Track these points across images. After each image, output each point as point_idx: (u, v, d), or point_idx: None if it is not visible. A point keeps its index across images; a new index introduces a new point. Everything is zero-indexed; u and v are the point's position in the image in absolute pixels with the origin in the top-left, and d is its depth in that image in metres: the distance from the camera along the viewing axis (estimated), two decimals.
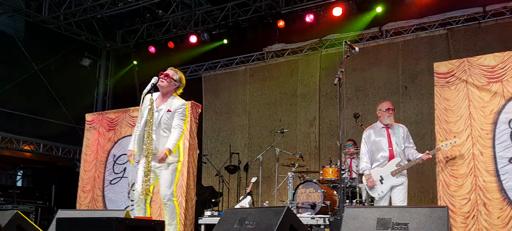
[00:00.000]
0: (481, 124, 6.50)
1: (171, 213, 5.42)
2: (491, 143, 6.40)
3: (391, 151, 6.33)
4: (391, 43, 10.73)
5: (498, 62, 6.56)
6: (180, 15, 12.07)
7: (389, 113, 6.50)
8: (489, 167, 6.32)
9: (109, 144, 9.56)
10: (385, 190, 6.21)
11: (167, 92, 5.56)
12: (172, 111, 5.47)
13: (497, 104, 6.46)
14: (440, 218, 3.67)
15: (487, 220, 6.18)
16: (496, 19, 9.66)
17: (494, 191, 6.24)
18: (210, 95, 12.93)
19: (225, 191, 10.73)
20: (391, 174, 6.21)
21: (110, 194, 9.26)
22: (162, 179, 5.44)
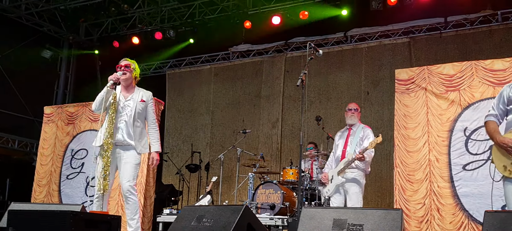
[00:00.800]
0: (438, 131, 6.68)
1: (134, 208, 5.33)
2: (446, 150, 6.59)
3: (344, 151, 6.41)
4: (355, 49, 10.88)
5: (457, 71, 6.76)
6: (146, 10, 11.93)
7: (351, 113, 6.57)
8: (444, 173, 6.51)
9: (67, 138, 9.38)
10: (331, 189, 6.29)
11: (130, 84, 5.53)
12: (145, 101, 5.48)
13: (454, 112, 6.66)
14: (394, 220, 3.73)
15: (440, 224, 6.35)
16: (456, 30, 9.94)
17: (448, 196, 6.42)
18: (173, 93, 12.83)
19: (185, 189, 10.66)
20: (337, 173, 6.27)
21: (66, 189, 9.09)
22: (124, 172, 5.35)
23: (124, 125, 5.36)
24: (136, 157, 5.40)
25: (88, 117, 9.18)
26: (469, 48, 9.67)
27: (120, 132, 5.35)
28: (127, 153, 5.37)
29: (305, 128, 10.49)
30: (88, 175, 8.92)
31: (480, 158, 6.38)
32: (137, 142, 5.38)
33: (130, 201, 5.32)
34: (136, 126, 5.41)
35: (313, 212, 4.11)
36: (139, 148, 5.40)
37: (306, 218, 4.08)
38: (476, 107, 6.54)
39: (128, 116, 5.37)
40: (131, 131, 5.35)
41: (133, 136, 5.36)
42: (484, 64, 6.63)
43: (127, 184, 5.30)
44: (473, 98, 6.58)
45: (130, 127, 5.35)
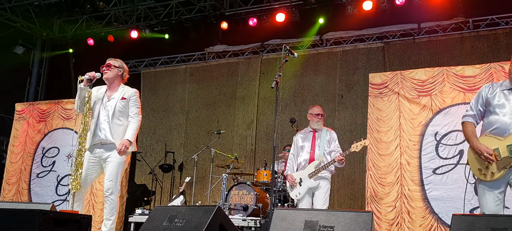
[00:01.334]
0: (410, 135, 6.79)
1: (112, 208, 5.29)
2: (418, 153, 6.71)
3: (312, 154, 6.40)
4: (330, 52, 10.97)
5: (429, 77, 6.88)
6: (122, 8, 11.81)
7: (318, 118, 6.56)
8: (415, 177, 6.61)
9: (38, 136, 9.24)
10: (302, 192, 6.27)
11: (114, 81, 5.49)
12: (126, 98, 5.42)
13: (425, 117, 6.78)
14: (365, 222, 3.77)
15: (410, 227, 6.45)
16: (429, 36, 10.12)
17: (418, 199, 6.53)
18: (148, 92, 12.73)
19: (158, 190, 10.58)
20: (309, 176, 6.26)
21: (36, 188, 8.95)
22: (108, 170, 5.31)
23: (106, 124, 5.33)
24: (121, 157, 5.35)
25: (61, 115, 9.05)
26: (441, 54, 9.85)
27: (103, 131, 5.33)
28: (110, 152, 5.34)
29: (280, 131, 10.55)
30: (59, 174, 8.80)
31: (450, 162, 6.51)
32: (119, 141, 5.33)
33: (109, 200, 5.28)
34: (118, 124, 5.37)
35: (285, 214, 4.13)
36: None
37: (278, 220, 4.09)
38: (447, 112, 6.67)
39: (110, 114, 5.34)
40: (113, 129, 5.32)
41: (115, 135, 5.31)
42: (455, 70, 6.77)
43: (108, 182, 5.26)
44: (444, 104, 6.71)
45: (112, 126, 5.32)
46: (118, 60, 5.58)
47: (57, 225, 4.15)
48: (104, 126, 5.33)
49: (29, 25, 12.74)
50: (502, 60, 7.22)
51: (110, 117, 5.34)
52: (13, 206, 5.65)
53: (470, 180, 4.35)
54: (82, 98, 5.29)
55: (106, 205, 5.30)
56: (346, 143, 9.72)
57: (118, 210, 5.44)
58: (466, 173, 4.35)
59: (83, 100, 5.30)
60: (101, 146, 5.35)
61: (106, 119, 5.35)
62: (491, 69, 6.50)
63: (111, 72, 5.44)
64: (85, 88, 5.26)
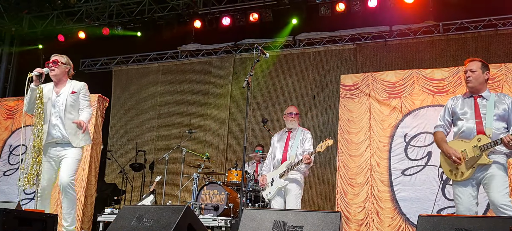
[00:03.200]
0: (380, 136, 6.88)
1: (71, 202, 5.21)
2: (387, 155, 6.80)
3: (285, 154, 6.35)
4: (303, 53, 11.02)
5: (399, 79, 6.98)
6: (94, 5, 11.63)
7: (291, 117, 6.50)
8: (384, 178, 6.70)
9: (5, 133, 9.05)
10: (272, 192, 6.23)
11: (61, 78, 5.40)
12: (76, 92, 5.35)
13: (395, 118, 6.87)
14: (333, 223, 3.80)
15: (379, 227, 6.53)
16: (400, 39, 10.25)
17: (387, 200, 6.62)
18: (119, 90, 12.57)
19: (128, 189, 10.47)
20: (279, 176, 6.23)
21: (3, 186, 8.77)
22: (64, 166, 5.21)
23: (59, 121, 5.24)
24: (77, 152, 5.28)
25: None
26: (412, 57, 10.00)
27: (56, 128, 5.24)
28: (66, 150, 5.26)
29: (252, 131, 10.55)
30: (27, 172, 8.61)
31: (418, 164, 6.62)
32: (73, 136, 5.25)
33: (68, 195, 5.18)
34: (70, 118, 5.28)
35: (254, 214, 4.13)
36: (76, 142, 5.26)
37: (247, 220, 4.09)
38: (416, 114, 6.78)
39: (61, 110, 5.25)
40: (66, 125, 5.23)
41: (69, 130, 5.23)
42: (425, 73, 6.88)
43: (67, 178, 5.15)
44: (414, 106, 6.81)
45: (65, 122, 5.24)
46: (64, 56, 5.48)
47: (21, 224, 4.07)
48: (56, 123, 5.24)
49: None
50: None
51: (62, 112, 5.26)
52: None
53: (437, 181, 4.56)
54: (33, 99, 5.18)
55: (65, 200, 5.19)
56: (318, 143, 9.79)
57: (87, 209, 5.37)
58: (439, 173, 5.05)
59: (34, 100, 5.18)
60: (56, 145, 5.26)
61: (58, 115, 5.26)
62: (460, 73, 6.63)
63: (58, 69, 5.34)
64: (34, 89, 5.16)
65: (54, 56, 5.42)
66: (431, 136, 6.58)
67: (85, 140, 5.39)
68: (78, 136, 5.29)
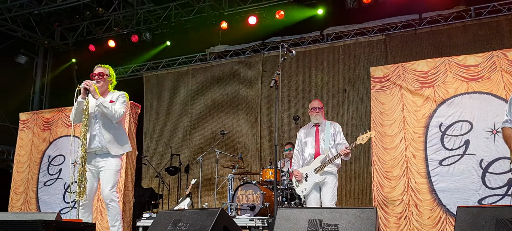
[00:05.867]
0: (414, 127, 6.74)
1: (114, 215, 5.31)
2: (423, 146, 6.66)
3: (317, 148, 6.30)
4: (332, 47, 10.91)
5: (431, 68, 6.82)
6: (121, 13, 11.81)
7: (316, 112, 6.45)
8: (421, 169, 6.57)
9: (43, 145, 9.27)
10: (308, 188, 6.18)
11: (105, 90, 5.48)
12: (114, 101, 5.40)
13: (429, 108, 6.72)
14: (369, 219, 3.75)
15: (418, 220, 6.41)
16: (431, 26, 10.02)
17: (425, 192, 6.48)
18: (151, 95, 12.72)
19: (165, 192, 10.58)
20: (314, 171, 6.17)
21: (44, 196, 8.99)
22: (104, 179, 5.33)
23: (98, 131, 5.33)
24: (115, 163, 5.36)
25: (64, 123, 9.08)
26: (443, 44, 9.77)
27: (96, 139, 5.33)
28: (105, 160, 5.35)
29: (284, 129, 10.52)
30: (66, 181, 8.82)
31: (455, 153, 6.46)
32: (112, 145, 5.33)
33: (110, 208, 5.31)
34: (111, 128, 5.37)
35: (289, 213, 4.11)
36: (114, 150, 5.34)
37: (282, 220, 4.07)
38: (451, 103, 6.62)
39: (101, 121, 5.34)
40: (106, 135, 5.32)
41: (108, 140, 5.31)
42: (457, 60, 6.71)
43: (107, 191, 5.28)
44: (448, 94, 6.65)
45: (104, 132, 5.32)
46: (108, 67, 5.56)
47: None
48: (96, 133, 5.33)
49: (31, 34, 12.77)
50: (505, 48, 7.17)
51: (102, 123, 5.35)
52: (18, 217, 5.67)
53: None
54: (79, 110, 5.29)
55: (108, 213, 5.33)
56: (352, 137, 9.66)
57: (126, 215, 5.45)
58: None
59: (80, 111, 5.29)
60: (96, 155, 5.36)
61: (98, 128, 5.35)
62: (494, 58, 6.44)
63: (104, 82, 5.43)
64: (82, 102, 5.26)
65: (99, 68, 5.49)
66: (467, 124, 6.44)
67: (124, 148, 5.45)
68: (118, 142, 5.37)
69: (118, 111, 5.32)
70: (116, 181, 5.36)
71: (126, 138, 5.55)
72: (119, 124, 5.50)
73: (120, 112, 5.36)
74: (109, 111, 5.27)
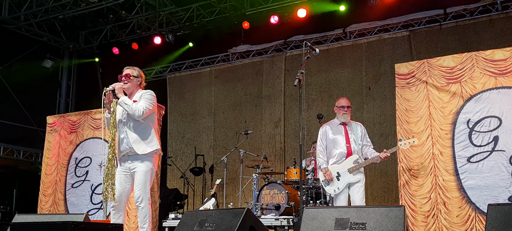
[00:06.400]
0: (441, 124, 6.63)
1: (144, 216, 5.32)
2: (450, 142, 6.54)
3: (349, 148, 6.24)
4: (355, 45, 10.82)
5: (457, 63, 6.70)
6: (144, 16, 11.92)
7: (344, 111, 6.40)
8: (449, 166, 6.46)
9: (71, 147, 9.40)
10: (341, 187, 6.13)
11: (132, 91, 5.50)
12: (138, 100, 5.39)
13: (456, 104, 6.60)
14: (397, 217, 3.70)
15: (447, 218, 6.31)
16: (456, 21, 9.85)
17: (454, 189, 6.37)
18: (174, 97, 12.81)
19: (190, 193, 10.65)
20: (348, 171, 6.11)
21: (72, 198, 9.11)
22: (135, 181, 5.36)
23: (126, 133, 5.36)
24: (145, 164, 5.37)
25: (91, 125, 9.19)
26: (469, 39, 9.58)
27: (124, 141, 5.36)
28: (135, 162, 5.38)
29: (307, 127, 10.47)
30: (93, 183, 8.94)
31: (484, 150, 6.34)
32: (138, 144, 5.34)
33: (139, 209, 5.34)
34: (137, 128, 5.39)
35: (315, 212, 4.08)
36: (140, 149, 5.32)
37: (308, 219, 4.05)
38: (478, 98, 6.49)
39: (128, 123, 5.37)
40: (131, 136, 5.34)
41: (134, 140, 5.33)
42: (484, 55, 6.58)
43: (137, 191, 5.32)
44: (475, 90, 6.53)
45: (130, 133, 5.35)
46: (135, 69, 5.55)
47: None
48: (124, 135, 5.36)
49: (56, 38, 12.99)
50: None
51: (129, 124, 5.37)
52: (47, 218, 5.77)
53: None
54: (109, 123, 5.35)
55: (138, 214, 5.35)
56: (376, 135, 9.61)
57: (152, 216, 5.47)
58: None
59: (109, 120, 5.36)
60: (128, 157, 5.39)
61: (125, 129, 5.37)
62: None
63: (130, 83, 5.44)
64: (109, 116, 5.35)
65: (127, 69, 5.52)
66: (496, 119, 6.31)
67: (151, 146, 5.40)
68: (145, 141, 5.36)
69: (138, 108, 5.27)
70: (146, 183, 5.34)
71: (154, 137, 5.47)
72: (146, 124, 5.45)
73: (141, 110, 5.28)
74: (130, 108, 5.25)
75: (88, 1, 11.11)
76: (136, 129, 5.38)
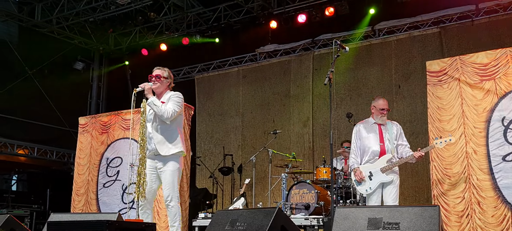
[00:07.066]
0: (474, 122, 6.50)
1: (173, 215, 5.38)
2: (484, 141, 6.40)
3: (382, 147, 6.06)
4: (384, 43, 10.69)
5: (491, 60, 6.56)
6: (172, 17, 12.02)
7: (382, 114, 6.19)
8: (483, 165, 6.32)
9: (102, 147, 9.54)
10: (373, 187, 5.95)
11: (162, 92, 5.55)
12: (165, 101, 5.44)
13: (490, 102, 6.46)
14: (431, 217, 3.64)
15: (482, 218, 6.17)
16: (489, 17, 9.63)
17: (488, 189, 6.23)
18: (203, 97, 12.88)
19: (219, 192, 10.69)
20: (381, 170, 5.94)
21: (104, 197, 9.24)
22: (163, 181, 5.42)
23: (153, 133, 5.41)
24: (172, 164, 5.42)
25: (121, 126, 9.31)
26: (503, 34, 9.35)
27: (152, 141, 5.41)
28: (162, 162, 5.43)
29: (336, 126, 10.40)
30: (124, 183, 9.05)
31: None
32: (162, 145, 5.38)
33: (169, 208, 5.40)
34: (163, 129, 5.43)
35: (347, 212, 4.04)
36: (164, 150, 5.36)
37: (340, 218, 4.01)
38: None
39: (154, 123, 5.43)
40: (157, 136, 5.39)
41: (158, 141, 5.38)
42: None
43: (166, 191, 5.38)
44: (510, 87, 6.36)
45: (156, 133, 5.40)
46: (165, 70, 5.59)
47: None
48: (152, 135, 5.40)
49: (86, 41, 13.22)
50: None
51: (156, 125, 5.42)
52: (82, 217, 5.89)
53: None
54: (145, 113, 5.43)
55: (168, 213, 5.42)
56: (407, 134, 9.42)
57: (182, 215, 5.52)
58: None
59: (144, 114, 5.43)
60: (155, 157, 5.44)
61: (152, 130, 5.42)
62: None
63: (160, 84, 5.48)
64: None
65: (157, 70, 5.56)
66: None
67: (175, 148, 5.43)
68: (171, 142, 5.40)
69: (167, 110, 5.30)
70: (174, 182, 5.39)
71: (178, 139, 5.49)
72: (172, 126, 5.48)
73: (170, 111, 5.32)
74: (159, 110, 5.29)
75: (117, 4, 11.28)
76: (162, 130, 5.43)
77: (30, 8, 11.80)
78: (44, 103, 12.58)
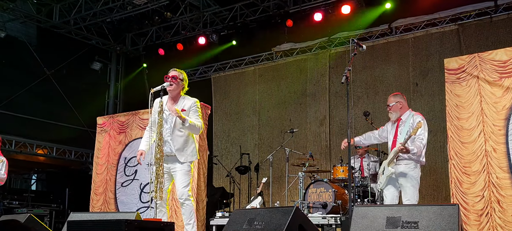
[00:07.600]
0: (494, 119, 6.42)
1: (189, 213, 5.47)
2: (504, 139, 6.31)
3: (394, 141, 6.01)
4: (401, 40, 10.62)
5: (510, 57, 6.48)
6: (188, 17, 12.07)
7: (387, 109, 6.20)
8: (502, 164, 6.24)
9: (120, 147, 9.62)
10: (382, 181, 5.95)
11: (177, 94, 5.61)
12: (186, 110, 5.53)
13: (510, 99, 6.38)
14: (451, 216, 3.61)
15: (501, 217, 6.10)
16: (508, 13, 9.50)
17: (508, 187, 6.15)
18: (219, 96, 12.92)
19: (236, 191, 10.72)
20: (387, 164, 5.91)
21: (122, 197, 9.32)
22: (177, 180, 5.51)
23: (169, 137, 5.48)
24: (185, 166, 5.53)
25: (139, 125, 9.38)
26: None
27: (167, 144, 5.50)
28: (175, 164, 5.54)
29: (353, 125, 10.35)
30: (142, 182, 9.13)
31: None
32: (180, 153, 5.50)
33: (185, 206, 5.49)
34: (178, 135, 5.51)
35: (365, 211, 4.03)
36: (183, 158, 5.51)
37: (358, 217, 4.00)
38: None
39: (171, 127, 5.48)
40: (175, 143, 5.48)
41: (177, 148, 5.48)
42: None
43: (181, 190, 5.46)
44: None
45: (173, 138, 5.49)
46: (182, 72, 5.68)
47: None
48: (166, 139, 5.47)
49: (104, 41, 13.33)
50: None
51: (171, 129, 5.49)
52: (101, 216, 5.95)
53: None
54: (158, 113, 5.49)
55: (183, 211, 5.51)
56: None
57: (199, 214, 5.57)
58: None
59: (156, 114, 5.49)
60: (167, 158, 5.51)
61: (168, 132, 5.49)
62: None
63: (176, 85, 5.55)
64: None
65: (173, 71, 5.63)
66: None
67: (192, 156, 5.60)
68: (186, 151, 5.54)
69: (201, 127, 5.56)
70: (188, 181, 5.52)
71: (195, 148, 5.68)
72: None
73: (201, 126, 5.59)
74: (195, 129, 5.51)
75: (134, 4, 11.36)
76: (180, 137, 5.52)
77: (48, 9, 11.94)
78: (62, 103, 12.72)
